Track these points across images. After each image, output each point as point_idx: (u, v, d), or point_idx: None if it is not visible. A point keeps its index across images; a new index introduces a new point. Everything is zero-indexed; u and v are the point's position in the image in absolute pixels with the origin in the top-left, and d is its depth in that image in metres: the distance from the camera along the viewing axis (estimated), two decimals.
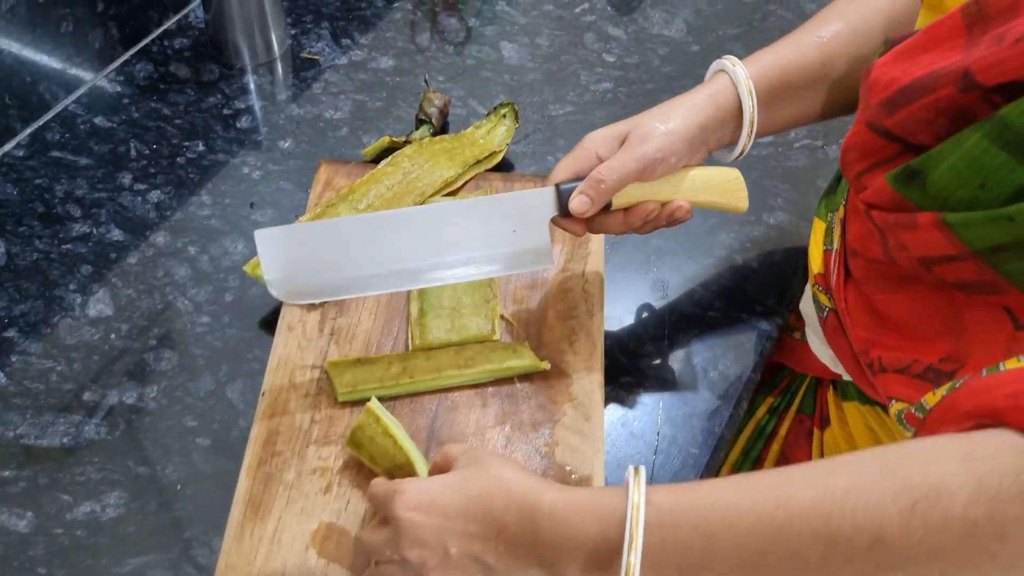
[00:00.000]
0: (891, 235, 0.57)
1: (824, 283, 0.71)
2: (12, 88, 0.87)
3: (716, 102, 0.68)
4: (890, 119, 0.55)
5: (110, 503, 0.67)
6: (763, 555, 0.46)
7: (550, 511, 0.50)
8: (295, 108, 0.95)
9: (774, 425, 0.88)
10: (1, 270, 0.80)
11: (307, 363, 0.72)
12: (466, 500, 0.52)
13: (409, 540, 0.52)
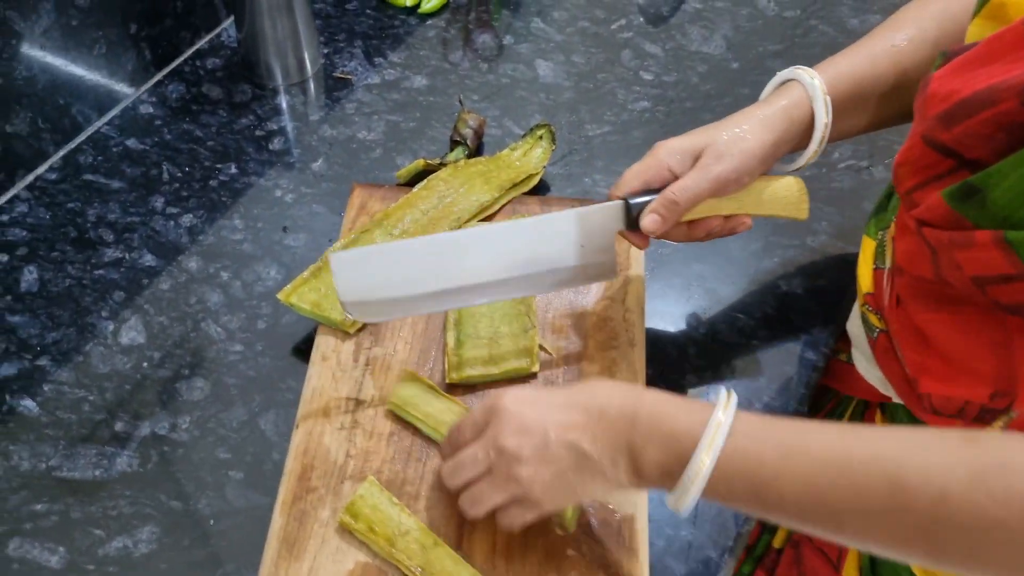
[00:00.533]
0: (944, 254, 0.55)
1: (874, 303, 0.69)
2: (45, 111, 0.86)
3: (791, 117, 0.67)
4: (947, 133, 0.53)
5: (143, 538, 0.66)
6: (831, 485, 0.48)
7: (650, 401, 0.54)
8: (328, 129, 0.94)
9: None
10: (34, 296, 0.79)
11: (342, 394, 0.70)
12: (570, 394, 0.57)
13: (510, 428, 0.55)
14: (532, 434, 0.55)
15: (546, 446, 0.55)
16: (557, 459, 0.55)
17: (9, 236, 0.83)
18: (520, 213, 0.82)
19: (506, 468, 0.56)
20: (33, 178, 0.87)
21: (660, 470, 0.52)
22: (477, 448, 0.57)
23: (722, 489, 0.51)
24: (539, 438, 0.55)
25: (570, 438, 0.54)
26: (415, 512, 0.64)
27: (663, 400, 0.54)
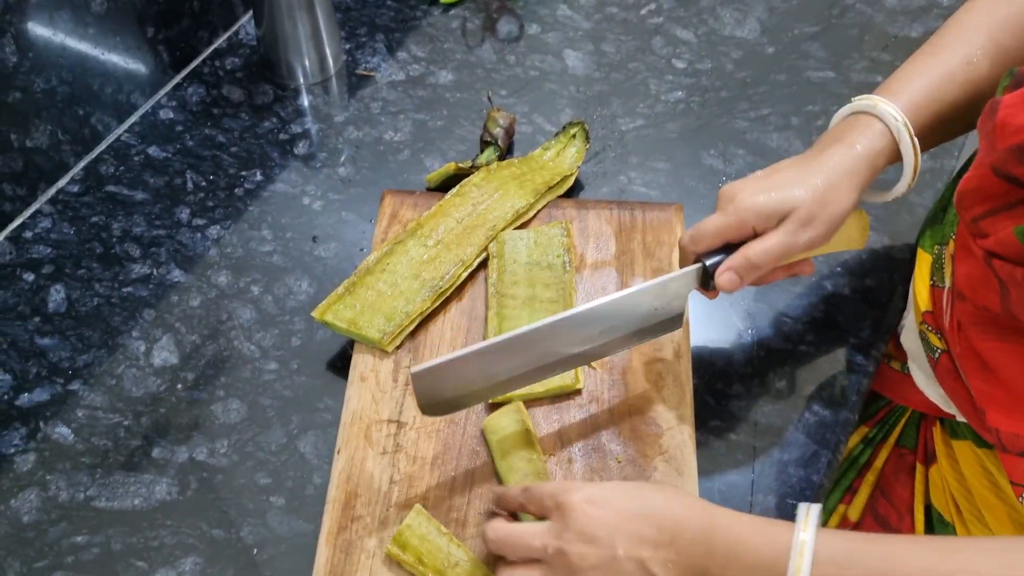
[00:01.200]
0: (1015, 289, 0.52)
1: (934, 323, 0.66)
2: (64, 123, 0.84)
3: (875, 167, 0.63)
4: (1021, 168, 0.50)
5: (186, 569, 0.65)
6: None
7: (727, 525, 0.52)
8: (353, 131, 0.91)
9: (868, 456, 0.84)
10: (62, 317, 0.77)
11: (383, 417, 0.69)
12: (644, 504, 0.53)
13: (578, 532, 0.52)
14: (600, 544, 0.52)
15: (613, 559, 0.52)
16: (621, 574, 0.52)
17: (34, 254, 0.81)
18: (556, 220, 0.80)
19: (563, 567, 0.53)
20: (55, 191, 0.85)
21: None
22: (536, 536, 0.54)
23: None
24: (607, 551, 0.52)
25: (642, 556, 0.52)
26: (463, 540, 0.63)
27: (739, 523, 0.52)
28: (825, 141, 0.64)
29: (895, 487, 0.82)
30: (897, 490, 0.82)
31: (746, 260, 0.61)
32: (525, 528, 0.56)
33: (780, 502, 0.68)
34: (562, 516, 0.54)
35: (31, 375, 0.74)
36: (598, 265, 0.77)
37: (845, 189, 0.61)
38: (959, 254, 0.63)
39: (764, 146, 0.90)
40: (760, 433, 0.71)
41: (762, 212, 0.61)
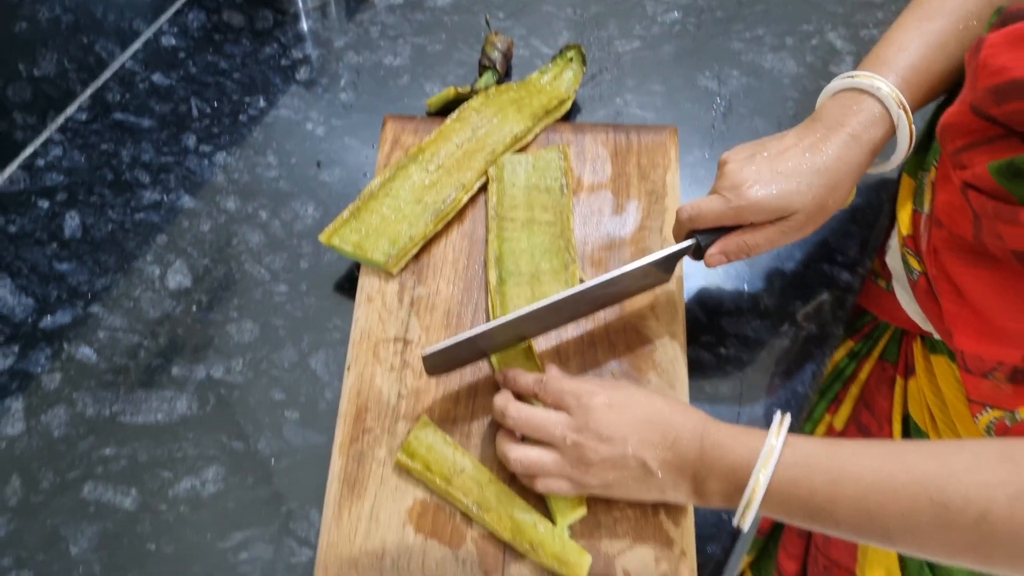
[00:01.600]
0: (987, 221, 0.55)
1: (913, 246, 0.69)
2: (70, 51, 0.85)
3: (875, 151, 0.65)
4: (997, 108, 0.52)
5: (209, 478, 0.69)
6: (881, 508, 0.51)
7: (714, 432, 0.58)
8: (353, 56, 0.93)
9: (853, 369, 0.88)
10: (79, 242, 0.80)
11: (390, 335, 0.72)
12: (654, 410, 0.60)
13: (595, 431, 0.59)
14: (613, 443, 0.59)
15: (622, 456, 0.59)
16: (626, 468, 0.59)
17: (47, 181, 0.83)
18: (554, 144, 0.82)
19: (576, 457, 0.59)
20: (64, 120, 0.87)
21: (721, 496, 0.58)
22: (557, 426, 0.61)
23: (778, 510, 0.56)
24: (618, 449, 0.59)
25: (644, 456, 0.59)
26: (467, 448, 0.67)
27: (724, 432, 0.58)
28: (826, 123, 0.65)
29: (877, 398, 0.86)
30: (879, 401, 0.86)
31: (738, 248, 0.65)
32: (547, 416, 0.61)
33: (767, 412, 0.73)
34: (584, 414, 0.60)
35: (52, 298, 0.77)
36: (594, 188, 0.80)
37: (844, 188, 0.64)
38: (940, 182, 0.65)
39: (758, 67, 0.92)
40: (749, 347, 0.75)
41: (762, 210, 0.63)
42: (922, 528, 0.51)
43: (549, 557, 0.63)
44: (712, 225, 0.65)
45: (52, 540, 0.67)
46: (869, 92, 0.63)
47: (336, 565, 0.63)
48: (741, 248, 0.65)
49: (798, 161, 0.63)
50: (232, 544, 0.67)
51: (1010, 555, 0.49)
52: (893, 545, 0.54)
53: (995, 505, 0.48)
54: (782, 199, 0.62)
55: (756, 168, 0.63)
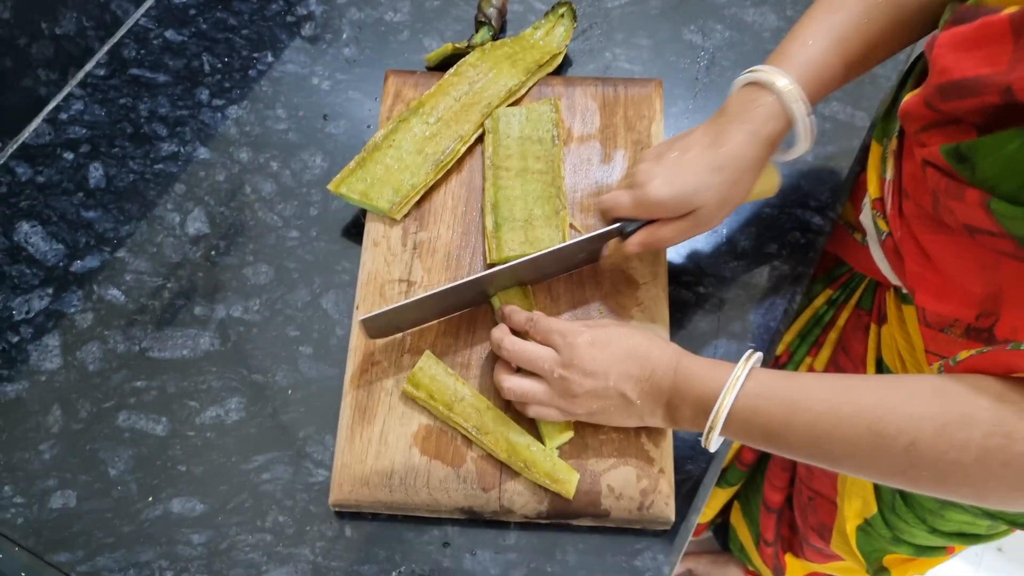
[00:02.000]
0: (941, 197, 0.60)
1: (881, 209, 0.74)
2: (88, 9, 0.90)
3: (774, 145, 0.69)
4: (942, 103, 0.57)
5: (232, 408, 0.76)
6: (827, 435, 0.59)
7: (687, 365, 0.65)
8: (355, 12, 0.97)
9: (832, 315, 0.94)
10: (103, 192, 0.86)
11: (394, 277, 0.78)
12: (632, 346, 0.66)
13: (580, 367, 0.66)
14: (596, 377, 0.66)
15: (605, 389, 0.66)
16: (608, 398, 0.66)
17: (71, 134, 0.89)
18: (546, 97, 0.87)
19: (563, 389, 0.66)
20: (83, 75, 0.92)
21: (691, 421, 0.65)
22: (546, 360, 0.67)
23: (739, 434, 0.63)
24: (600, 381, 0.65)
25: (624, 388, 0.65)
26: (467, 379, 0.74)
27: (695, 364, 0.65)
28: (728, 118, 0.69)
29: (853, 343, 0.92)
30: (854, 346, 0.92)
31: (651, 240, 0.71)
32: (537, 351, 0.68)
33: (741, 346, 0.79)
34: (570, 352, 0.66)
35: (81, 244, 0.83)
36: (584, 138, 0.85)
37: (745, 181, 0.69)
38: (905, 155, 0.69)
39: (741, 21, 0.97)
40: (726, 286, 0.82)
41: (666, 208, 0.69)
42: (861, 453, 0.58)
43: (541, 475, 0.70)
44: (628, 213, 0.71)
45: (92, 463, 0.74)
46: (768, 87, 0.67)
47: (350, 483, 0.70)
48: (654, 241, 0.71)
49: (699, 160, 0.68)
50: (255, 466, 0.74)
51: (934, 478, 0.56)
52: (837, 467, 0.61)
53: (922, 435, 0.55)
54: (684, 197, 0.68)
55: (661, 168, 0.69)
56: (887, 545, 0.97)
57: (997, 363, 0.56)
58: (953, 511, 0.85)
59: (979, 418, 0.53)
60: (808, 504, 1.06)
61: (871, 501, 0.94)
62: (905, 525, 0.91)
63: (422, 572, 0.70)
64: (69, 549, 0.71)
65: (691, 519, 0.73)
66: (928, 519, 0.88)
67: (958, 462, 0.54)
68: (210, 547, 0.71)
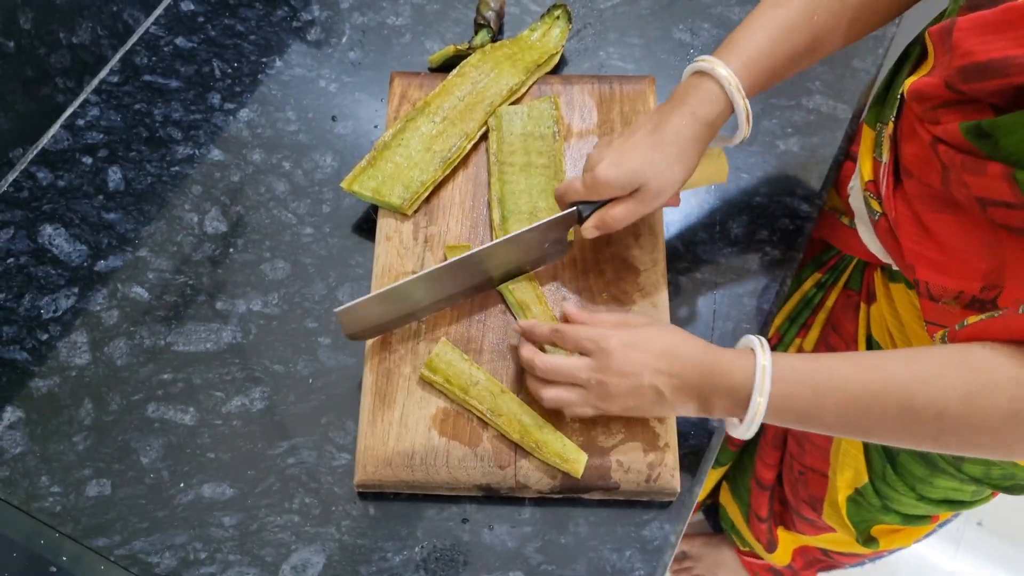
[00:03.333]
0: (954, 172, 0.63)
1: (875, 191, 0.78)
2: (102, 19, 0.93)
3: (713, 126, 0.73)
4: (964, 85, 0.60)
5: (256, 397, 0.80)
6: (860, 412, 0.63)
7: (714, 360, 0.68)
8: (358, 16, 1.01)
9: (821, 297, 0.99)
10: (122, 195, 0.89)
11: (407, 269, 0.82)
12: (664, 345, 0.69)
13: (617, 369, 0.69)
14: (632, 377, 0.69)
15: (639, 387, 0.69)
16: (643, 396, 0.69)
17: (88, 139, 0.92)
18: (546, 95, 0.91)
19: (600, 393, 0.70)
20: (98, 82, 0.95)
21: (725, 412, 0.69)
22: (582, 370, 0.70)
23: (775, 419, 0.67)
24: (636, 380, 0.69)
25: (658, 384, 0.68)
26: (480, 364, 0.78)
27: (723, 357, 0.68)
28: (672, 103, 0.74)
29: (843, 323, 0.97)
30: (845, 325, 0.97)
31: (603, 222, 0.74)
32: (571, 362, 0.71)
33: (736, 327, 0.84)
34: (604, 357, 0.69)
35: (104, 245, 0.87)
36: (583, 134, 0.89)
37: (688, 157, 0.73)
38: (906, 136, 0.72)
39: (727, 19, 1.01)
40: (720, 271, 0.86)
41: (613, 187, 0.72)
42: (892, 425, 0.62)
43: (552, 455, 0.74)
44: (578, 200, 0.75)
45: (124, 452, 0.77)
46: (709, 74, 0.72)
47: (373, 464, 0.74)
48: (605, 222, 0.74)
49: (642, 141, 0.73)
50: (281, 451, 0.78)
51: (962, 442, 0.61)
52: (869, 439, 0.66)
53: (950, 404, 0.59)
54: (627, 175, 0.72)
55: (607, 151, 0.73)
56: (876, 514, 1.02)
57: (1010, 328, 0.60)
58: (941, 478, 0.90)
59: (1003, 385, 0.58)
60: (799, 478, 1.11)
61: (862, 471, 0.99)
62: (895, 493, 0.96)
63: (443, 547, 0.74)
64: (106, 535, 0.74)
65: (695, 490, 0.77)
66: (917, 487, 0.93)
67: (984, 426, 0.59)
68: (241, 528, 0.75)
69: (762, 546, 1.32)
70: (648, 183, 0.72)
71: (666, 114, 0.73)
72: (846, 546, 1.19)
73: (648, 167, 0.72)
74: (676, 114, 0.73)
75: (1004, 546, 1.73)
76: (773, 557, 1.34)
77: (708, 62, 0.72)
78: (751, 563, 1.51)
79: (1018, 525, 1.75)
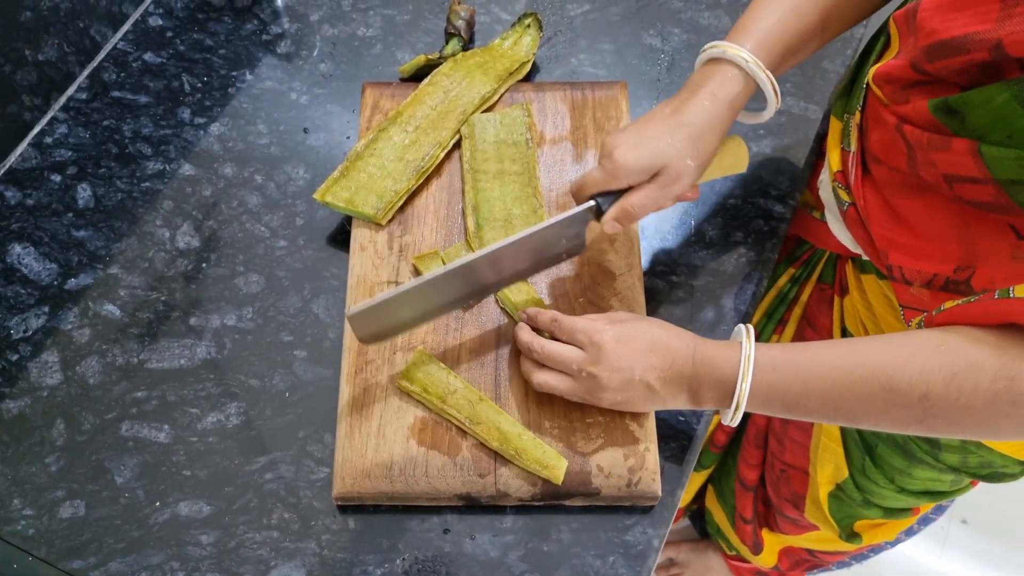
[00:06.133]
0: (920, 151, 0.64)
1: (843, 180, 0.79)
2: (68, 35, 0.93)
3: (734, 107, 0.73)
4: (929, 65, 0.61)
5: (232, 412, 0.79)
6: (843, 397, 0.64)
7: (702, 351, 0.69)
8: (328, 28, 1.01)
9: (795, 292, 0.99)
10: (92, 211, 0.88)
11: (383, 279, 0.82)
12: (654, 338, 0.70)
13: (608, 363, 0.69)
14: (623, 372, 0.69)
15: (630, 381, 0.70)
16: (633, 390, 0.70)
17: (57, 157, 0.91)
18: (518, 102, 0.91)
19: (591, 385, 0.70)
20: (66, 99, 0.95)
21: (714, 402, 0.69)
22: (574, 360, 0.70)
23: (761, 407, 0.68)
24: (627, 374, 0.69)
25: (648, 378, 0.69)
26: (458, 372, 0.78)
27: (710, 348, 0.69)
28: (689, 89, 0.73)
29: (818, 317, 0.97)
30: (819, 319, 0.97)
31: (622, 211, 0.73)
32: (565, 352, 0.71)
33: (714, 328, 0.84)
34: (597, 351, 0.70)
35: (74, 263, 0.85)
36: (556, 140, 0.89)
37: (708, 139, 0.72)
38: (871, 124, 0.74)
39: (697, 24, 1.02)
40: (696, 274, 0.86)
41: (633, 171, 0.71)
42: (877, 409, 0.63)
43: (531, 462, 0.73)
44: (598, 191, 0.74)
45: (98, 472, 0.76)
46: (723, 58, 0.72)
47: (352, 476, 0.73)
48: (627, 211, 0.72)
49: (660, 122, 0.72)
50: (258, 466, 0.77)
51: (947, 424, 0.61)
52: (855, 424, 0.67)
53: (933, 386, 0.60)
54: (646, 157, 0.71)
55: (624, 135, 0.72)
56: (858, 509, 1.02)
57: (988, 313, 0.60)
58: (920, 468, 0.90)
59: (984, 365, 0.58)
60: (781, 476, 1.11)
61: (842, 466, 0.99)
62: (875, 486, 0.96)
63: (424, 558, 0.74)
64: (81, 557, 0.73)
65: (677, 493, 0.77)
66: (897, 478, 0.93)
67: (969, 407, 0.59)
68: (219, 546, 0.73)
69: (748, 548, 1.32)
70: (669, 165, 0.71)
71: (683, 99, 0.73)
72: (830, 544, 1.19)
73: (668, 148, 0.71)
74: (695, 97, 0.72)
75: (989, 544, 1.74)
76: (759, 559, 1.34)
77: (720, 47, 0.72)
78: (738, 567, 1.51)
79: (1003, 522, 1.76)
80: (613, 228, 0.74)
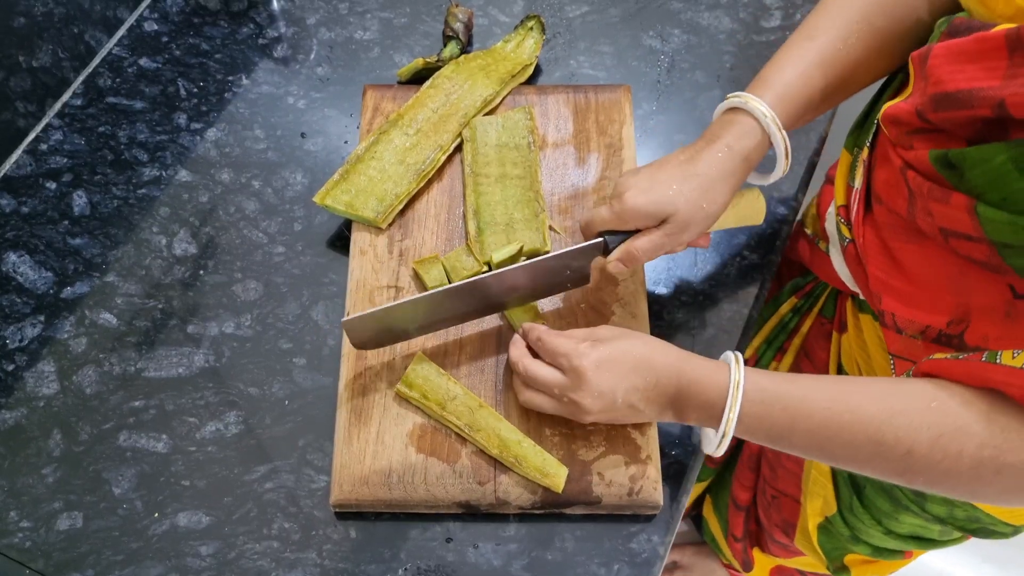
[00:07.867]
0: (920, 199, 0.62)
1: (845, 215, 0.77)
2: (63, 41, 0.92)
3: (749, 160, 0.71)
4: (933, 114, 0.59)
5: (231, 421, 0.78)
6: (829, 440, 0.62)
7: (689, 370, 0.67)
8: (325, 32, 1.00)
9: (796, 322, 0.98)
10: (88, 219, 0.87)
11: (382, 284, 0.81)
12: (637, 357, 0.68)
13: (589, 390, 0.68)
14: (604, 397, 0.68)
15: (613, 404, 0.68)
16: (617, 411, 0.69)
17: (52, 164, 0.90)
18: (520, 105, 0.90)
19: (571, 410, 0.69)
20: (61, 106, 0.94)
21: (698, 422, 0.68)
22: (555, 385, 0.69)
23: (746, 435, 0.66)
24: (608, 399, 0.68)
25: (632, 400, 0.68)
26: (457, 378, 0.77)
27: (697, 368, 0.67)
28: (706, 138, 0.72)
29: (816, 350, 0.96)
30: (817, 352, 0.96)
31: (627, 254, 0.72)
32: (547, 377, 0.70)
33: (717, 333, 0.83)
34: (578, 377, 0.68)
35: (70, 271, 0.85)
36: (558, 144, 0.88)
37: (719, 191, 0.70)
38: (879, 162, 0.72)
39: (696, 25, 1.01)
40: (699, 277, 0.85)
41: (641, 215, 0.70)
42: (861, 457, 0.61)
43: (531, 470, 0.72)
44: (604, 230, 0.73)
45: (96, 483, 0.75)
46: (743, 109, 0.71)
47: (349, 483, 0.72)
48: (632, 254, 0.72)
49: (673, 169, 0.71)
50: (258, 476, 0.76)
51: (928, 481, 0.60)
52: (837, 466, 0.65)
53: (919, 445, 0.58)
54: (655, 203, 0.69)
55: (637, 178, 0.71)
56: (847, 544, 1.01)
57: (972, 374, 0.59)
58: (906, 514, 0.89)
59: (972, 430, 0.57)
60: (772, 503, 1.10)
61: (831, 501, 0.97)
62: (862, 525, 0.95)
63: (427, 568, 0.73)
64: (79, 569, 0.72)
65: (681, 501, 0.76)
66: (883, 520, 0.92)
67: (953, 470, 0.58)
68: (218, 557, 0.72)
69: (739, 564, 1.31)
70: (677, 213, 0.70)
71: (700, 147, 0.72)
72: (821, 568, 1.18)
73: (677, 196, 0.69)
74: (710, 148, 0.71)
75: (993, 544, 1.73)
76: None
77: (741, 97, 0.71)
78: None
79: None
80: (617, 268, 0.73)
